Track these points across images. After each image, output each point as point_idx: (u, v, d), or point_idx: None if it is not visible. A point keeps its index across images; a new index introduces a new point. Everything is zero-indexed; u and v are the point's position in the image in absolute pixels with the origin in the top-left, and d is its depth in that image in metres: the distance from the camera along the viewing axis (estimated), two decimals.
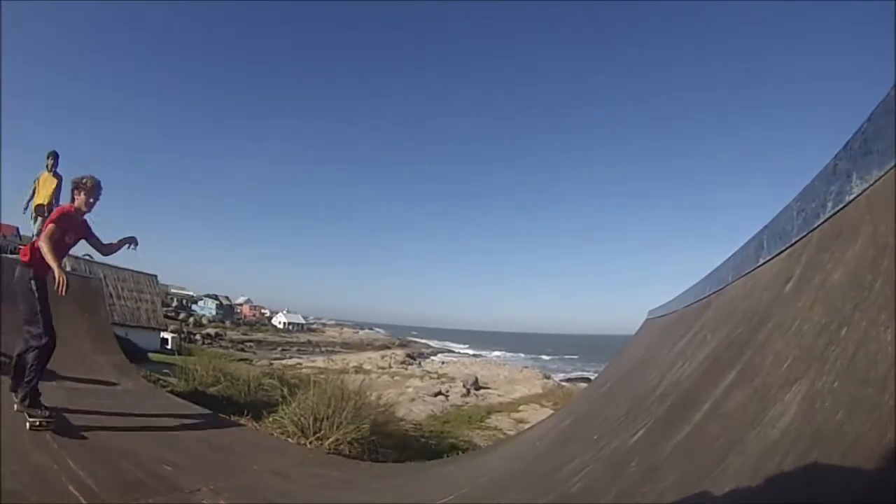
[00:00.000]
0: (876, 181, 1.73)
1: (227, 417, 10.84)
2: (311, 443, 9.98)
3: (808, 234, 2.33)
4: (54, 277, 6.94)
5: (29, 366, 7.06)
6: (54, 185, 13.95)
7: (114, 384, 10.69)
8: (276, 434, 10.34)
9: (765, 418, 1.59)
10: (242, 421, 11.01)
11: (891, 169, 1.64)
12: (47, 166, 14.17)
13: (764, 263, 2.93)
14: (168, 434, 7.63)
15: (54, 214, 7.82)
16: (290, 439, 10.04)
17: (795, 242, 2.45)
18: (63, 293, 6.87)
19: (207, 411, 10.63)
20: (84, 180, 7.73)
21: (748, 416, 1.71)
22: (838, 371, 1.35)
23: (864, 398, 1.17)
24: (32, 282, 7.33)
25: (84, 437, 6.45)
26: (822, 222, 2.17)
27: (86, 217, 7.92)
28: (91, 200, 7.78)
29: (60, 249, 7.49)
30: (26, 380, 6.99)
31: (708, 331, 3.25)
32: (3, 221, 37.03)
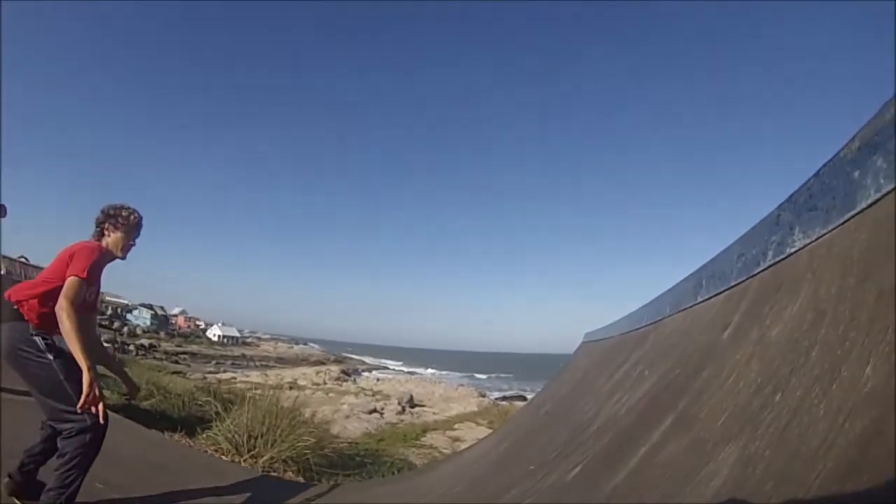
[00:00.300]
0: (818, 238, 1.79)
1: (162, 433, 10.71)
2: (245, 460, 9.90)
3: (747, 279, 2.38)
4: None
5: (68, 459, 4.80)
6: None
7: None
8: (210, 451, 10.24)
9: (699, 475, 1.62)
10: (176, 437, 10.89)
11: (835, 228, 1.69)
12: None
13: (702, 301, 3.00)
14: (102, 450, 7.49)
15: (82, 260, 5.06)
16: (224, 457, 9.94)
17: (734, 286, 2.52)
18: (97, 409, 4.82)
19: (141, 426, 10.48)
20: (124, 212, 5.61)
21: (684, 470, 1.74)
22: (770, 438, 1.39)
23: (792, 473, 1.19)
24: (47, 348, 5.08)
25: (15, 452, 6.10)
26: (762, 270, 2.23)
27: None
28: (130, 243, 5.70)
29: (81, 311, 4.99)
30: (62, 481, 4.72)
31: (646, 366, 3.29)
32: None
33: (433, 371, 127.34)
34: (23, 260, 45.01)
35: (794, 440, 1.27)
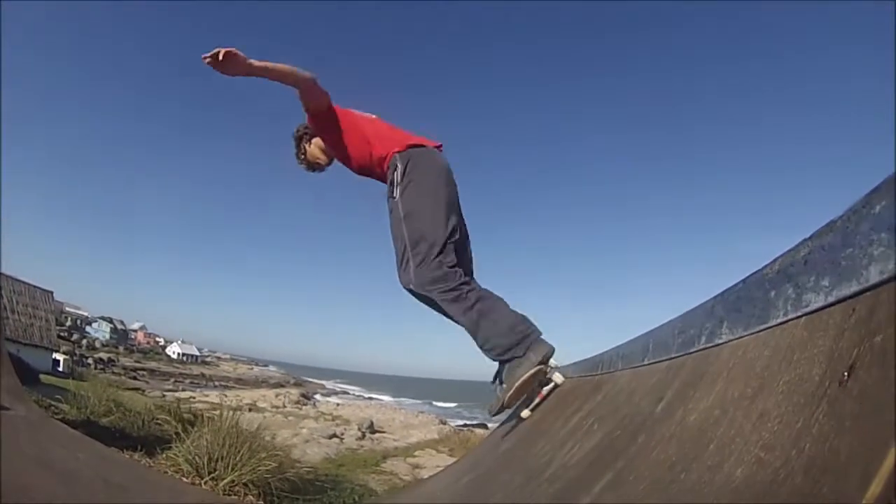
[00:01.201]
0: (739, 338, 2.01)
1: (121, 451, 10.69)
2: (205, 483, 9.93)
3: (684, 355, 2.61)
4: None
5: None
6: None
7: (5, 409, 10.36)
8: (170, 472, 10.25)
9: None
10: (136, 456, 10.89)
11: (749, 335, 1.94)
12: None
13: (647, 365, 3.25)
14: (62, 468, 7.34)
15: None
16: (185, 478, 9.96)
17: (672, 358, 2.76)
18: None
19: (101, 445, 10.44)
20: None
21: None
22: None
23: None
24: None
25: None
26: (695, 351, 2.46)
27: None
28: None
29: None
30: None
31: (596, 420, 3.50)
32: None
33: (394, 397, 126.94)
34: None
35: None
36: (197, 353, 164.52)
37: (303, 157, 6.29)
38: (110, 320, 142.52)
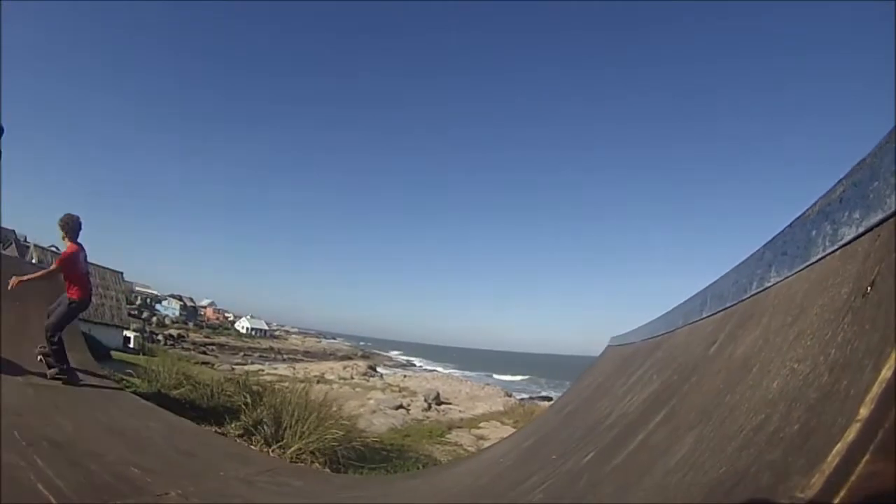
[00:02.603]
0: (785, 279, 2.16)
1: (191, 421, 10.89)
2: (273, 451, 10.11)
3: (737, 303, 2.74)
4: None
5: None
6: None
7: (80, 382, 10.60)
8: (239, 440, 10.43)
9: (669, 452, 2.06)
10: (205, 426, 11.10)
11: (793, 273, 2.08)
12: None
13: (705, 318, 3.35)
14: (134, 436, 7.57)
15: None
16: (252, 446, 10.14)
17: (729, 307, 2.89)
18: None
19: (172, 414, 10.63)
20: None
21: (661, 449, 2.19)
22: (714, 426, 1.89)
23: (721, 449, 1.71)
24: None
25: (52, 436, 6.29)
26: (747, 298, 2.59)
27: None
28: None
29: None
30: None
31: (654, 371, 3.65)
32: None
33: (462, 370, 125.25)
34: (53, 249, 45.36)
35: (727, 428, 1.78)
36: (265, 328, 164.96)
37: None
38: (179, 298, 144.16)
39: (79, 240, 10.43)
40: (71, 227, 10.39)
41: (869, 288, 1.38)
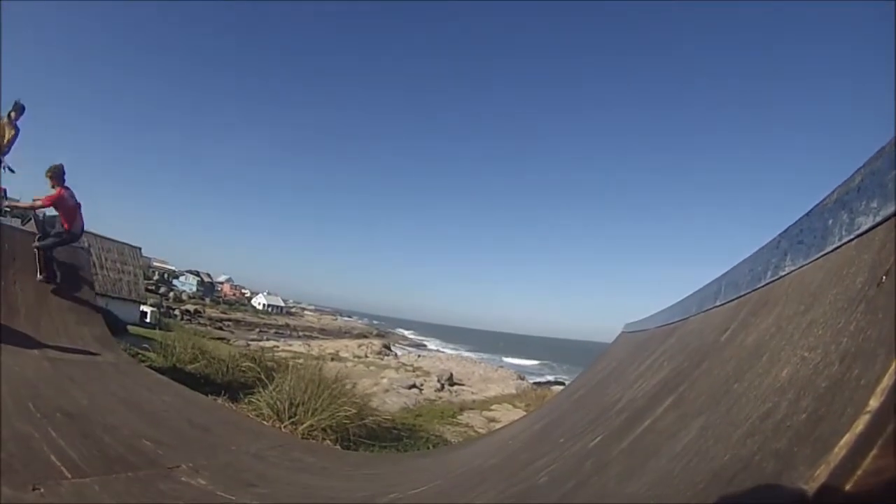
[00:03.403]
0: (800, 267, 2.15)
1: (205, 396, 10.96)
2: (285, 426, 10.18)
3: (751, 291, 2.73)
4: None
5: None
6: (10, 136, 13.56)
7: (95, 356, 10.67)
8: (252, 416, 10.49)
9: (676, 436, 2.06)
10: (220, 400, 11.18)
11: (809, 263, 2.07)
12: (9, 115, 13.50)
13: (719, 306, 3.34)
14: (148, 409, 7.65)
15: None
16: (265, 422, 10.21)
17: (743, 296, 2.88)
18: None
19: (186, 389, 10.69)
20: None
21: (667, 434, 2.19)
22: (721, 413, 1.88)
23: (727, 436, 1.70)
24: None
25: (66, 409, 6.34)
26: (761, 286, 2.58)
27: None
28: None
29: None
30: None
31: (665, 358, 3.65)
32: None
33: (475, 352, 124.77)
34: None
35: (734, 415, 1.77)
36: (282, 305, 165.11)
37: None
38: (197, 273, 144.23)
39: (66, 184, 12.84)
40: (57, 174, 12.76)
41: (884, 277, 1.36)
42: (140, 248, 59.12)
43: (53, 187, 12.71)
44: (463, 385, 42.55)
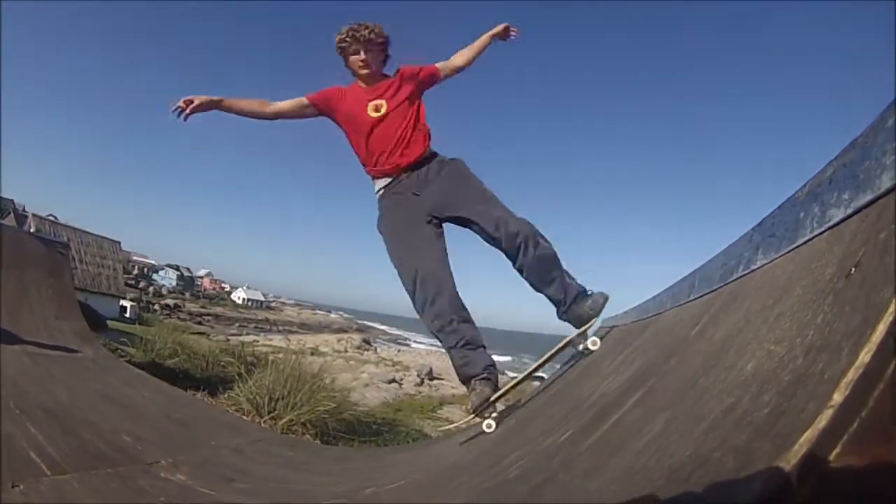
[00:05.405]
0: (771, 261, 2.16)
1: (185, 391, 10.93)
2: (265, 421, 10.17)
3: (723, 285, 2.74)
4: None
5: None
6: None
7: (74, 352, 10.56)
8: (231, 410, 10.47)
9: (641, 432, 2.03)
10: (199, 396, 11.15)
11: (780, 256, 2.08)
12: None
13: (692, 300, 3.39)
14: (128, 405, 7.56)
15: None
16: (245, 417, 10.19)
17: (715, 290, 2.90)
18: None
19: (166, 384, 10.64)
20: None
21: (633, 429, 2.16)
22: (685, 407, 1.87)
23: (689, 432, 1.69)
24: None
25: (46, 405, 6.18)
26: (733, 280, 2.59)
27: None
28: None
29: None
30: None
31: (638, 354, 3.69)
32: None
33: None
34: (51, 218, 45.28)
35: (698, 409, 1.76)
36: (262, 299, 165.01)
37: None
38: (177, 267, 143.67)
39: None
40: None
41: (853, 269, 1.35)
42: (119, 243, 59.04)
43: None
44: (443, 379, 42.65)
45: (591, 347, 5.40)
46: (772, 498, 1.04)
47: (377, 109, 5.49)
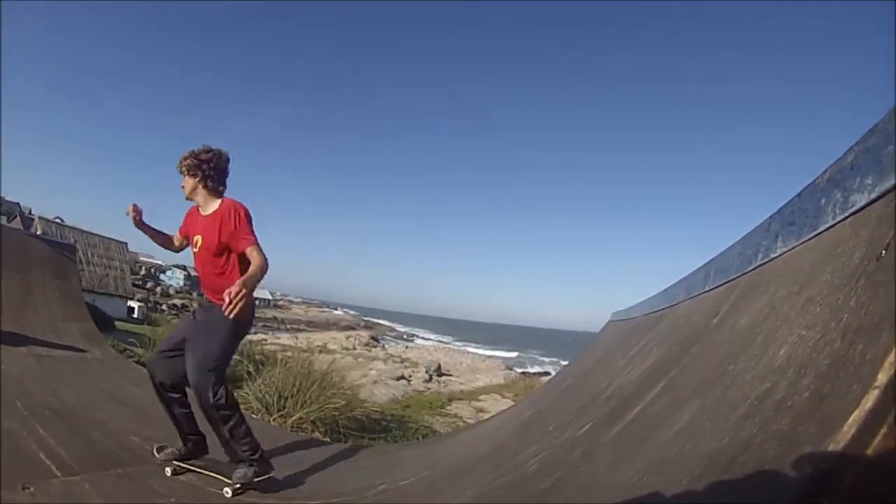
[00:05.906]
0: (792, 248, 2.16)
1: None
2: (274, 419, 10.14)
3: (741, 275, 2.74)
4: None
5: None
6: None
7: (82, 352, 10.73)
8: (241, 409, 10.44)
9: (669, 422, 2.04)
10: None
11: (802, 243, 2.07)
12: None
13: (708, 291, 3.35)
14: (137, 405, 7.55)
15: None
16: (254, 415, 10.15)
17: (733, 279, 2.89)
18: None
19: None
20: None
21: (659, 420, 2.18)
22: (717, 395, 1.85)
23: (724, 419, 1.68)
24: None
25: (54, 406, 6.38)
26: (752, 269, 2.59)
27: None
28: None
29: None
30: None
31: (654, 344, 3.66)
32: None
33: (463, 342, 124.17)
34: (58, 221, 45.16)
35: (731, 396, 1.74)
36: (269, 297, 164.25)
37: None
38: (184, 268, 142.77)
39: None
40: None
41: (884, 252, 1.35)
42: (126, 244, 58.81)
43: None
44: (451, 376, 42.57)
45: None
46: (825, 480, 1.03)
47: None
